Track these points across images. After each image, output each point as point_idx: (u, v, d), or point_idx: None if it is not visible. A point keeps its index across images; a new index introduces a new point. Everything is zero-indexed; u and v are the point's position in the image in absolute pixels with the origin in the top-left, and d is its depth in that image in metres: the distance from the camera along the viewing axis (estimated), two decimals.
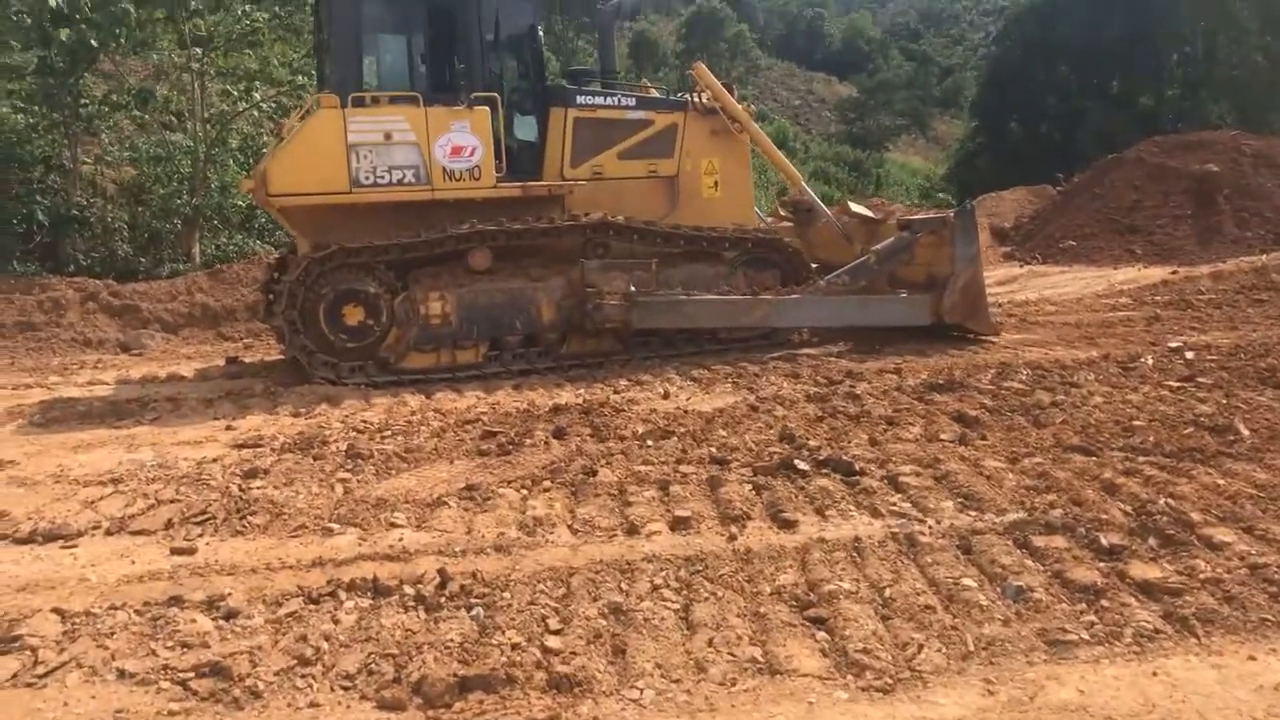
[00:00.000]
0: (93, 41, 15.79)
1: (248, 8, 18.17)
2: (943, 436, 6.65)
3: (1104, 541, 4.62)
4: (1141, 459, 5.94)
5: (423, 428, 7.60)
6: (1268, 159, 18.47)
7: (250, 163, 19.63)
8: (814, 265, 11.42)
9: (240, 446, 7.37)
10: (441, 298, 9.78)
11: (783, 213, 12.90)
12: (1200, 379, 8.08)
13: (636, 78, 59.34)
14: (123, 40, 16.52)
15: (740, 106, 11.61)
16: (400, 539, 5.16)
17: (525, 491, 5.84)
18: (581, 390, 8.92)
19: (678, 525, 5.14)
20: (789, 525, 5.09)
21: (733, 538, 4.96)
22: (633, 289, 10.09)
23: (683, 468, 6.16)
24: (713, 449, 6.55)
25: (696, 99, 11.42)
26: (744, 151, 11.67)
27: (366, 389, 9.33)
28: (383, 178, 9.58)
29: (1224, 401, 7.29)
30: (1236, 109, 34.44)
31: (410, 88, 10.02)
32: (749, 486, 5.73)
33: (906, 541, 4.81)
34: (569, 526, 5.24)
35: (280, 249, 15.77)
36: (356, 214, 9.73)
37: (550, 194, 10.45)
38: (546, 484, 5.94)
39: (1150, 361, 8.97)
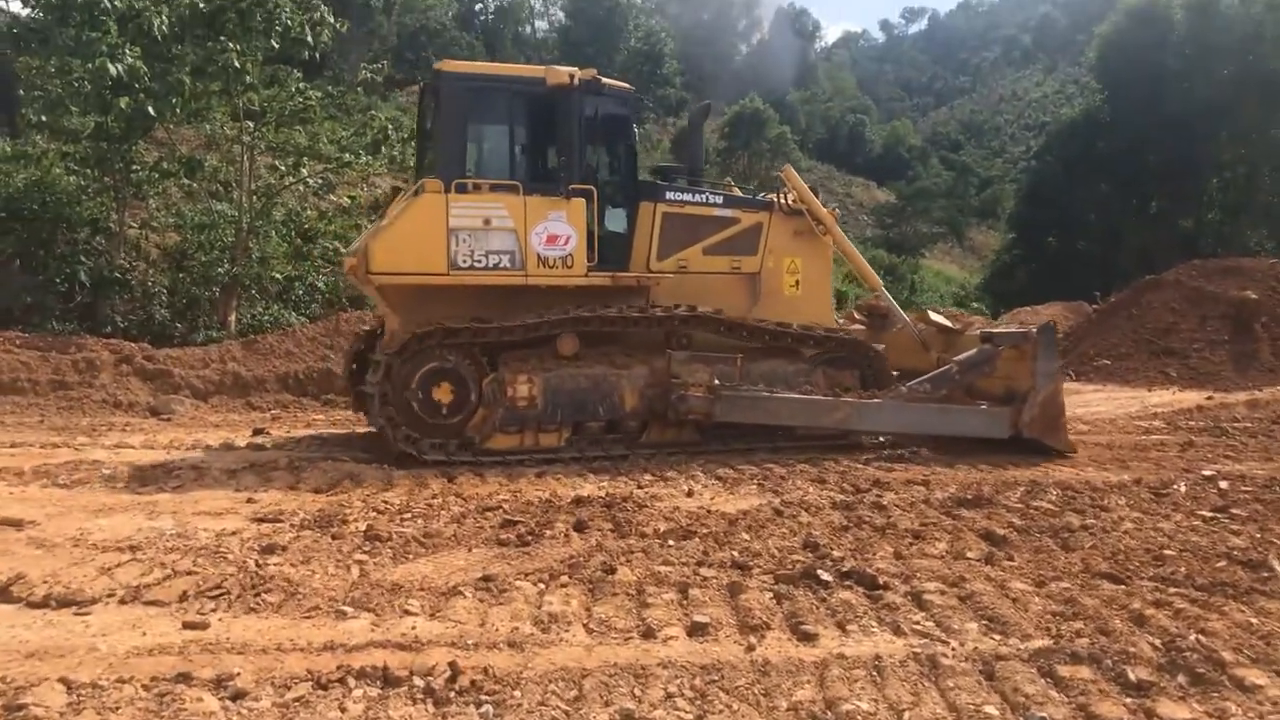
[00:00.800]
0: (150, 110, 16.20)
1: (301, 85, 18.62)
2: (969, 554, 6.54)
3: (1131, 676, 4.50)
4: (1172, 590, 5.81)
5: (443, 512, 7.57)
6: None
7: (292, 234, 19.98)
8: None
9: (260, 520, 7.36)
10: (529, 380, 9.99)
11: (858, 316, 13.05)
12: (1234, 510, 7.93)
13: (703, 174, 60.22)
14: (178, 110, 16.95)
15: (825, 209, 11.88)
16: (413, 627, 5.10)
17: (542, 585, 5.77)
18: (605, 483, 8.86)
19: (695, 631, 5.06)
20: (809, 638, 4.99)
21: (751, 648, 4.87)
22: (717, 382, 10.28)
23: (703, 570, 6.08)
24: (735, 553, 6.47)
25: (782, 200, 11.76)
26: (826, 253, 11.97)
27: (388, 469, 9.32)
28: (480, 261, 9.88)
29: (1258, 535, 7.15)
30: (1275, 236, 34.45)
31: (510, 176, 10.33)
32: (770, 595, 5.64)
33: (928, 663, 4.70)
34: (585, 625, 5.16)
35: (342, 320, 15.93)
36: (451, 295, 10.02)
37: (639, 284, 10.76)
38: (564, 579, 5.87)
39: (1183, 489, 8.83)
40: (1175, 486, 8.91)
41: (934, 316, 12.78)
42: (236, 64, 16.57)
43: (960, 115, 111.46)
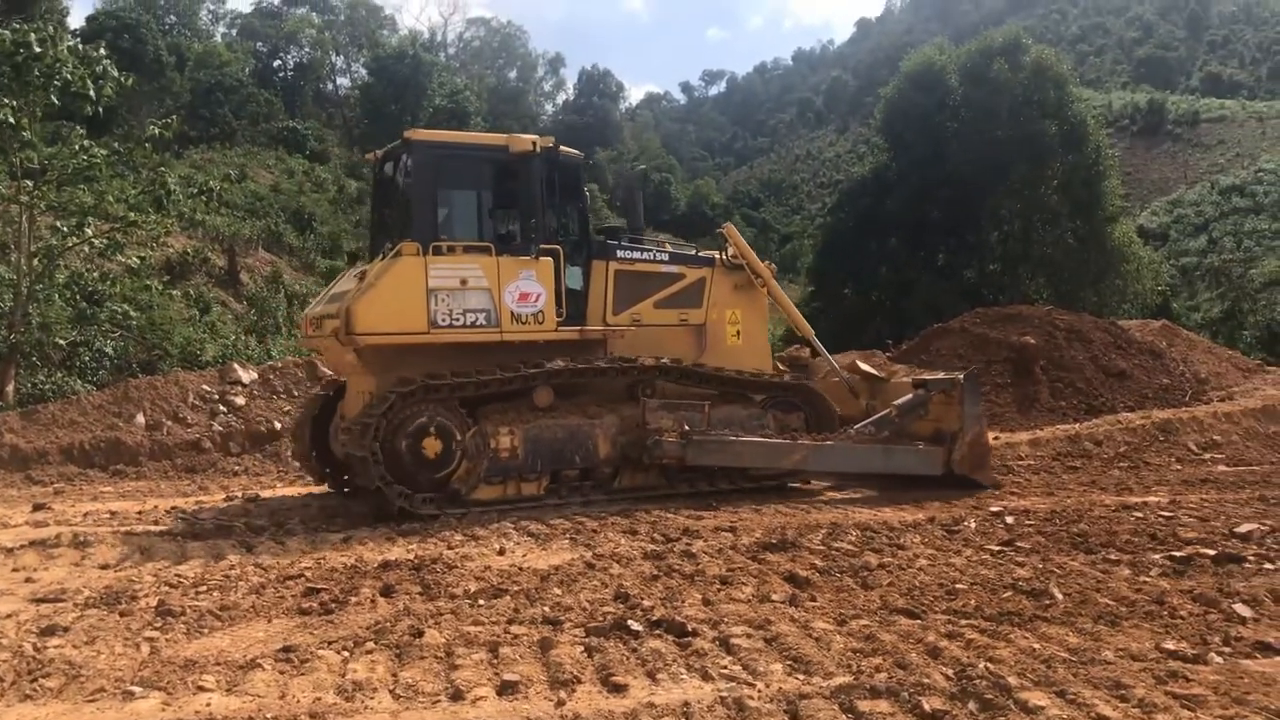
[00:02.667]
0: None
1: (86, 142, 17.75)
2: (774, 597, 6.68)
3: (926, 706, 4.66)
4: (963, 622, 6.07)
5: (241, 583, 7.25)
6: (1078, 333, 19.70)
7: (76, 298, 18.95)
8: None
9: (40, 601, 6.88)
10: (511, 432, 10.42)
11: (780, 366, 13.47)
12: (1019, 543, 8.38)
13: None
14: None
15: (763, 264, 12.69)
16: (208, 704, 4.84)
17: (346, 653, 5.58)
18: (414, 545, 8.67)
19: (505, 690, 4.98)
20: (619, 689, 4.99)
21: (561, 703, 4.83)
22: (687, 428, 10.84)
23: (514, 628, 6.00)
24: (546, 608, 6.42)
25: (723, 256, 12.50)
26: (763, 304, 12.83)
27: (183, 540, 8.90)
28: (458, 320, 10.32)
29: (1040, 566, 7.57)
30: (1051, 285, 36.87)
31: (479, 238, 10.90)
32: (581, 648, 5.61)
33: (735, 706, 4.75)
34: (391, 691, 5.01)
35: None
36: (431, 353, 10.38)
37: (604, 337, 11.39)
38: (370, 645, 5.69)
39: (973, 525, 9.29)
40: (966, 523, 9.36)
41: (863, 366, 13.58)
42: (12, 120, 15.69)
43: (760, 174, 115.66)
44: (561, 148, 11.29)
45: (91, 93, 16.46)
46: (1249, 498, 10.90)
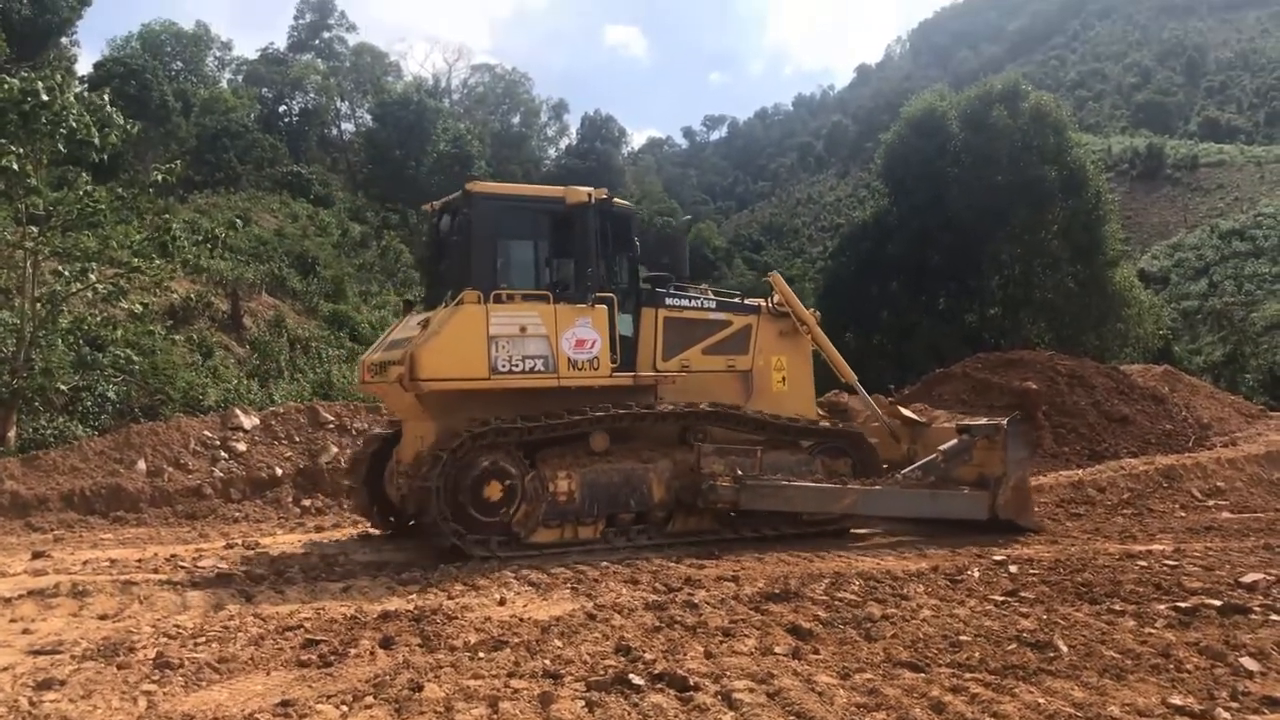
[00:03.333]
0: None
1: (90, 188, 17.85)
2: (777, 649, 6.63)
3: None
4: (968, 675, 6.02)
5: (240, 634, 7.20)
6: (1081, 378, 19.68)
7: (79, 343, 18.99)
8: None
9: (37, 653, 6.83)
10: (568, 476, 10.69)
11: (820, 413, 13.68)
12: (1023, 593, 8.33)
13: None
14: None
15: (807, 311, 12.98)
16: None
17: (345, 708, 5.53)
18: (414, 595, 8.62)
19: None
20: None
21: None
22: (739, 472, 11.02)
23: (514, 682, 5.95)
24: (547, 661, 6.37)
25: (769, 303, 12.77)
26: (807, 351, 13.05)
27: (182, 589, 8.85)
28: (517, 366, 10.60)
29: (1044, 617, 7.51)
30: (1052, 329, 36.93)
31: (536, 286, 11.16)
32: (582, 703, 5.56)
33: None
34: None
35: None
36: (490, 398, 10.61)
37: (655, 383, 11.59)
38: (369, 700, 5.64)
39: (977, 574, 9.23)
40: (969, 572, 9.31)
41: (903, 410, 13.80)
42: (16, 167, 15.79)
43: (761, 218, 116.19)
44: (614, 199, 11.64)
45: (97, 140, 16.58)
46: (1254, 546, 10.84)
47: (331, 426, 16.55)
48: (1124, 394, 19.89)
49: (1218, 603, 7.79)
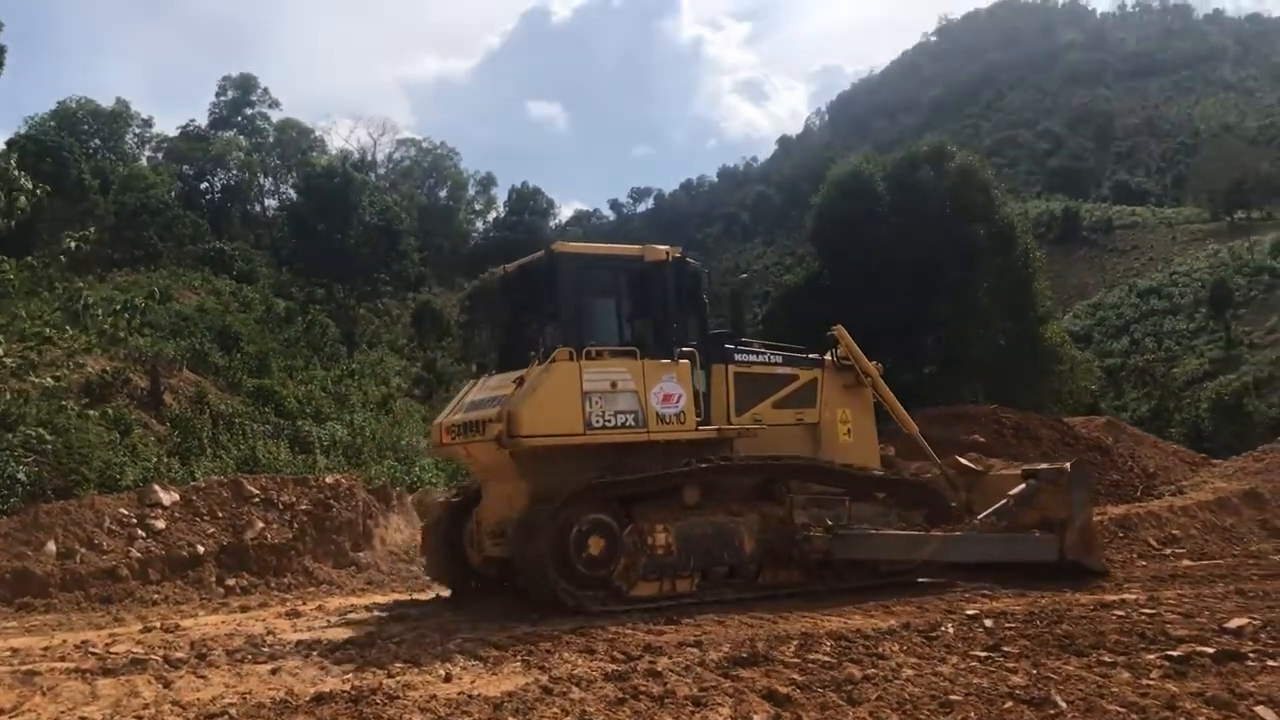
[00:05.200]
0: None
1: None
2: (755, 718, 6.04)
3: None
4: None
5: None
6: (1026, 430, 19.55)
7: None
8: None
9: None
10: (665, 529, 10.79)
11: None
12: (1005, 647, 7.86)
13: (421, 345, 59.56)
14: None
15: (871, 364, 13.15)
16: None
17: None
18: (350, 674, 7.86)
19: None
20: None
21: None
22: (830, 523, 11.31)
23: None
24: None
25: (833, 357, 12.95)
26: (869, 402, 13.26)
27: (91, 678, 8.01)
28: (609, 421, 10.74)
29: (1034, 671, 7.03)
30: (987, 386, 36.99)
31: (618, 342, 11.40)
32: None
33: None
34: None
35: None
36: (580, 454, 10.78)
37: (739, 436, 11.70)
38: None
39: (951, 630, 8.75)
40: (943, 628, 8.83)
41: (961, 460, 14.10)
42: None
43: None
44: (686, 258, 11.86)
45: (3, 203, 15.75)
46: (1226, 591, 10.55)
47: (257, 500, 15.65)
48: (1069, 445, 19.80)
49: (1210, 650, 7.42)
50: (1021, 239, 38.29)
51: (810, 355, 13.01)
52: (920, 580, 12.12)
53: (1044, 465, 13.11)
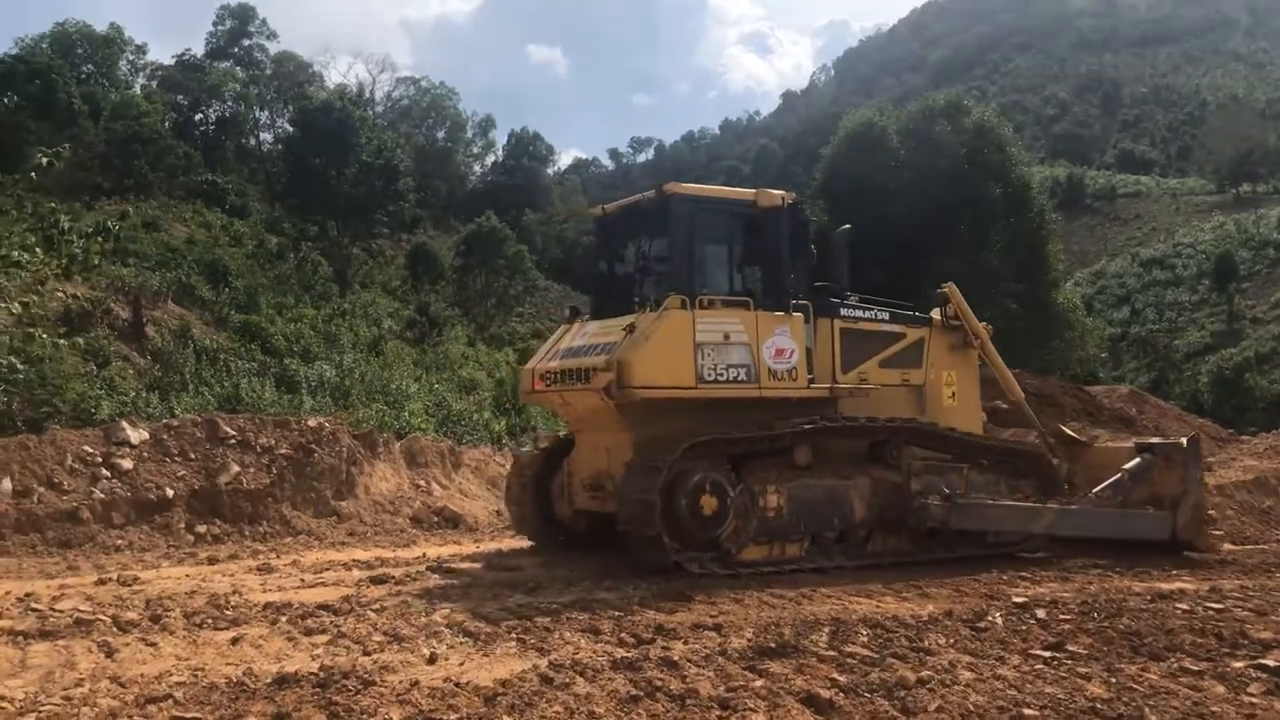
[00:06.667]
0: None
1: None
2: None
3: None
4: None
5: (85, 709, 5.44)
6: (1048, 398, 18.60)
7: None
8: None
9: None
10: (777, 491, 10.25)
11: None
12: (1069, 646, 6.90)
13: (414, 288, 58.33)
14: None
15: (980, 325, 12.58)
16: None
17: None
18: (320, 650, 6.85)
19: None
20: None
21: None
22: (947, 491, 10.85)
23: None
24: None
25: (941, 316, 12.38)
26: (975, 365, 12.68)
27: (24, 642, 7.02)
28: (721, 375, 10.13)
29: (1112, 680, 6.07)
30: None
31: (729, 292, 10.79)
32: None
33: None
34: None
35: None
36: (688, 408, 10.19)
37: (851, 394, 11.16)
38: None
39: (1000, 620, 7.79)
40: (991, 618, 7.87)
41: (1065, 430, 13.57)
42: None
43: None
44: (800, 204, 11.23)
45: None
46: None
47: (233, 442, 14.58)
48: (1091, 415, 18.84)
49: None
50: (1037, 199, 37.24)
51: (918, 314, 12.41)
52: (1023, 554, 11.49)
53: (1158, 439, 12.63)
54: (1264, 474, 15.51)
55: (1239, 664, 6.50)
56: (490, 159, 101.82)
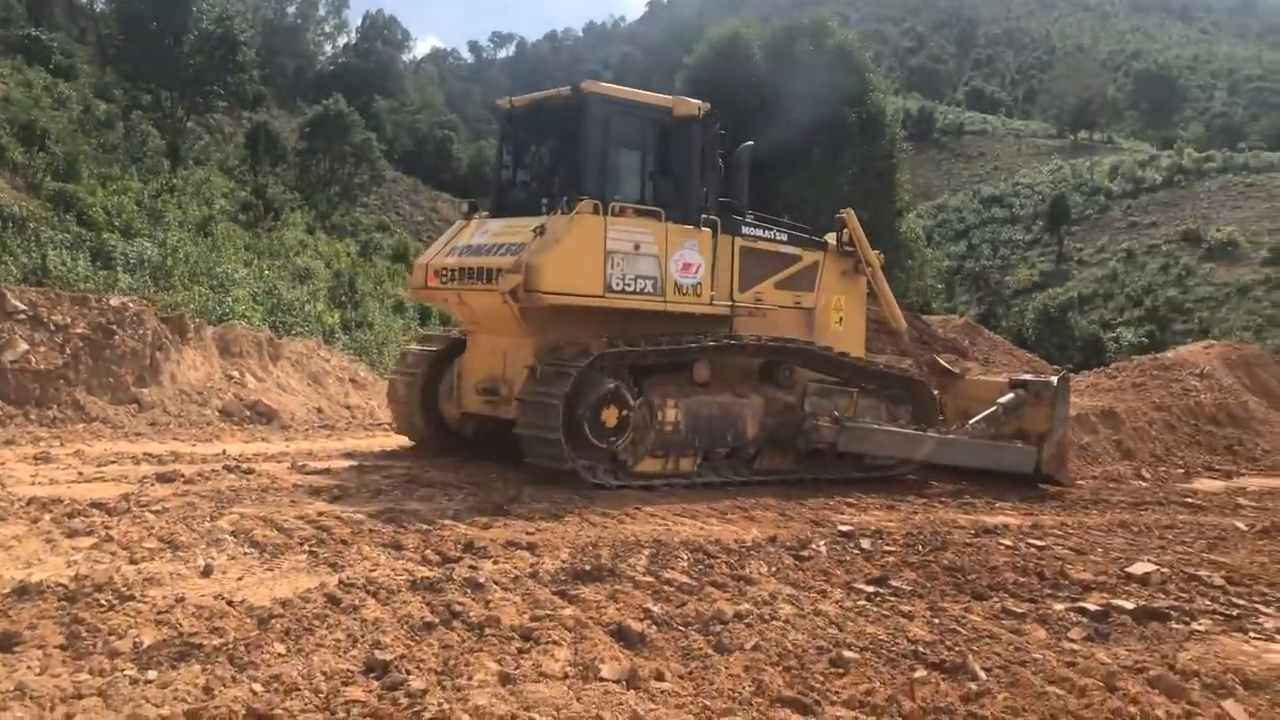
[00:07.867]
0: None
1: None
2: (603, 671, 4.62)
3: None
4: None
5: None
6: (884, 325, 18.58)
7: None
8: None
9: None
10: (675, 405, 10.16)
11: None
12: (892, 581, 6.68)
13: (253, 169, 55.49)
14: None
15: (873, 253, 12.56)
16: None
17: None
18: (80, 557, 6.07)
19: None
20: None
21: None
22: (836, 414, 10.93)
23: None
24: (255, 687, 4.16)
25: (836, 241, 12.25)
26: (863, 292, 12.68)
27: None
28: (629, 285, 9.93)
29: (935, 621, 5.85)
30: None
31: (640, 201, 10.35)
32: None
33: None
34: None
35: None
36: (594, 317, 9.95)
37: (750, 314, 11.09)
38: None
39: (824, 549, 7.54)
40: (814, 546, 7.62)
41: (940, 361, 14.10)
42: None
43: None
44: (714, 115, 10.82)
45: None
46: (1108, 524, 9.74)
47: (23, 317, 13.23)
48: (926, 344, 18.96)
49: (1127, 605, 6.40)
50: (890, 127, 37.44)
51: (814, 237, 12.25)
52: (895, 478, 11.75)
53: (1031, 376, 12.96)
54: (1085, 411, 15.85)
55: (1060, 606, 6.39)
56: (342, 40, 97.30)
